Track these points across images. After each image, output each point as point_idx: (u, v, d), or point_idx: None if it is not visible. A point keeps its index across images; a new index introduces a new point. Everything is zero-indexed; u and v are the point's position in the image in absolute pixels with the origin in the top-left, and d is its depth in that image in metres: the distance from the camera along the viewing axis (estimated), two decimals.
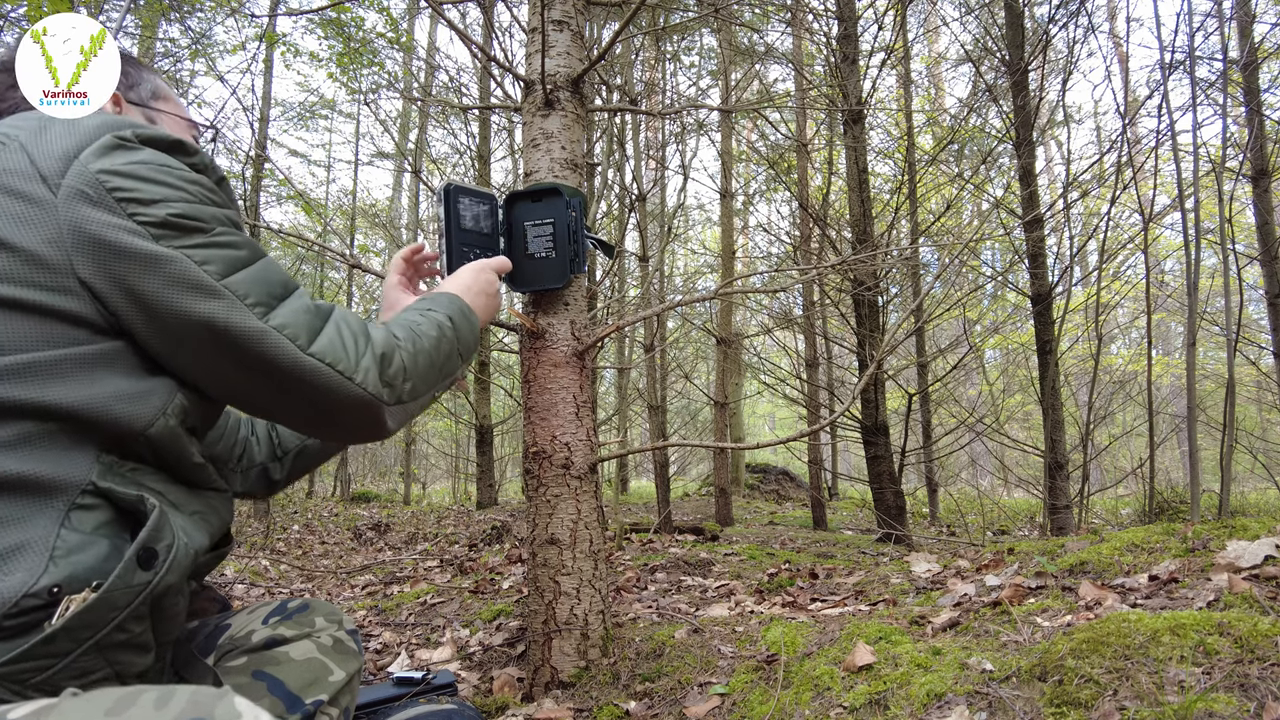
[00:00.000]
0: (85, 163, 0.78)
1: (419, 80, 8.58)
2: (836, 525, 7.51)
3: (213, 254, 0.81)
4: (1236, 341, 4.67)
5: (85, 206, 0.77)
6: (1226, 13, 5.02)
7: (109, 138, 0.81)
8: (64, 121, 0.84)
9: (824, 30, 6.23)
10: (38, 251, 0.75)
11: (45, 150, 0.79)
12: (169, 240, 0.79)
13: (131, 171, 0.80)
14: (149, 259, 0.77)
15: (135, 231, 0.77)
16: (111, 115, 0.88)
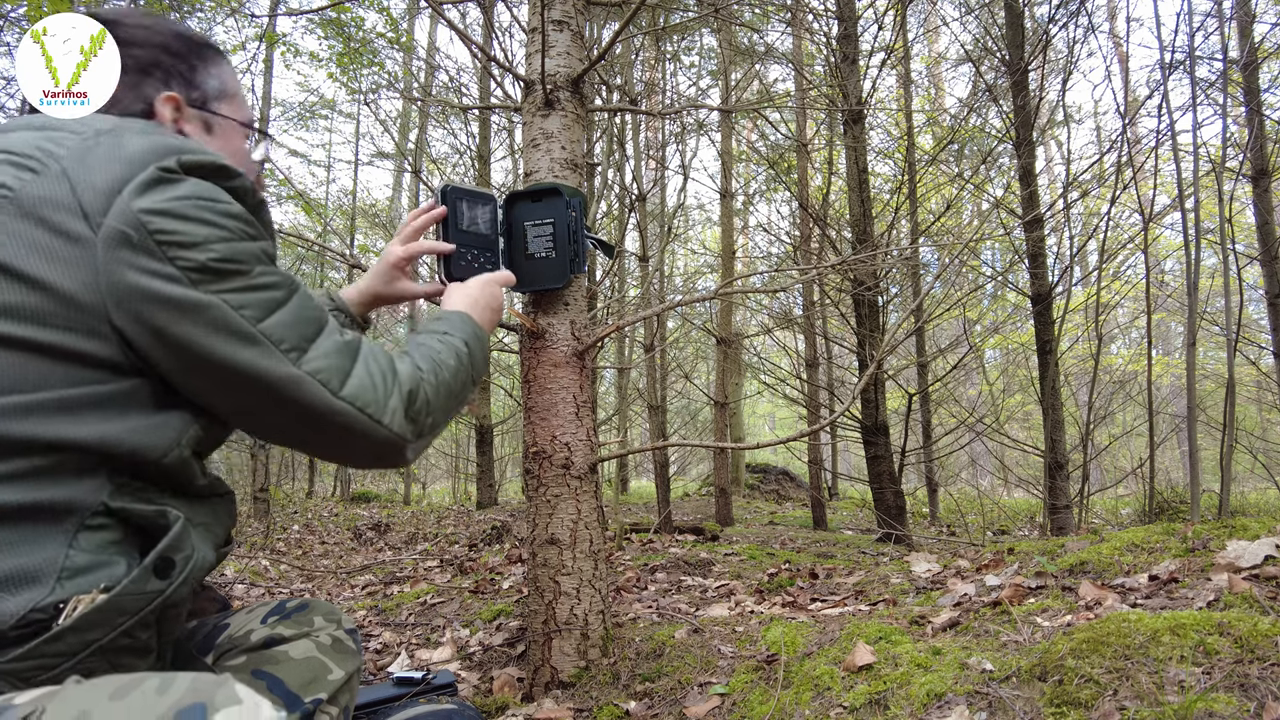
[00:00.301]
0: (128, 200, 0.75)
1: (419, 80, 8.58)
2: (836, 525, 7.51)
3: (251, 298, 0.80)
4: (1236, 341, 4.67)
5: (126, 250, 0.74)
6: (1226, 13, 5.02)
7: (153, 170, 0.78)
8: (109, 143, 0.80)
9: (824, 30, 6.23)
10: (73, 294, 0.73)
11: (89, 181, 0.76)
12: (208, 285, 0.77)
13: (174, 210, 0.77)
14: (188, 306, 0.76)
15: (176, 278, 0.76)
16: (158, 135, 0.84)
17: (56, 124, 0.85)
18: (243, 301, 0.79)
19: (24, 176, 0.76)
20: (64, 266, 0.73)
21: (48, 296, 0.73)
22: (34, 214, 0.74)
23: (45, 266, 0.73)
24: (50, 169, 0.77)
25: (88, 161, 0.77)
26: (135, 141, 0.81)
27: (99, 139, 0.80)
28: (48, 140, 0.80)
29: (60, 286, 0.73)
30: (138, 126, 0.85)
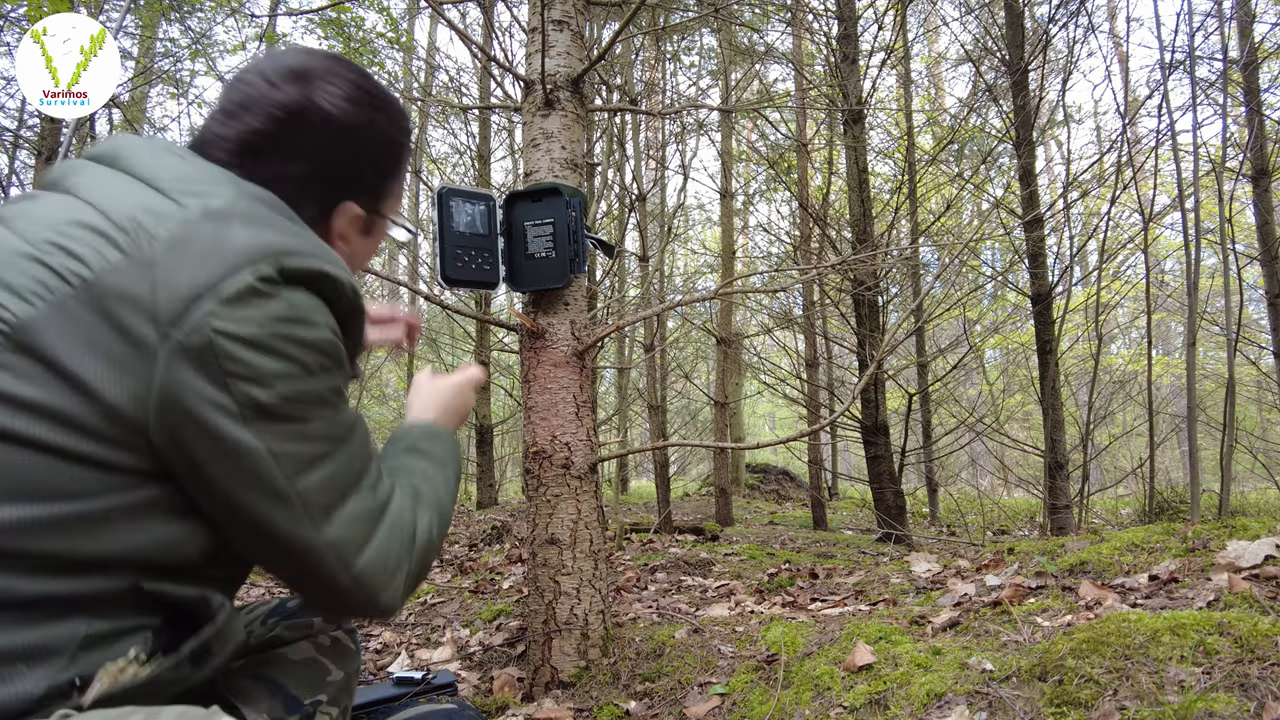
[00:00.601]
0: (206, 314, 0.68)
1: (419, 80, 8.58)
2: (836, 525, 7.51)
3: (295, 448, 0.73)
4: (1236, 341, 4.67)
5: (187, 370, 0.67)
6: (1226, 13, 5.02)
7: (247, 279, 0.70)
8: (211, 234, 0.72)
9: (824, 30, 6.23)
10: (117, 405, 0.67)
11: (173, 281, 0.68)
12: (258, 426, 0.70)
13: (250, 336, 0.69)
14: (230, 446, 0.70)
15: (229, 410, 0.69)
16: (266, 230, 0.75)
17: (165, 182, 0.76)
18: (286, 452, 0.72)
19: (109, 258, 0.69)
20: (117, 373, 0.67)
21: (90, 405, 0.67)
22: (104, 308, 0.67)
23: (97, 371, 0.67)
24: (139, 255, 0.69)
25: (181, 255, 0.70)
26: (239, 236, 0.72)
27: (203, 225, 0.72)
28: (149, 212, 0.72)
29: (106, 396, 0.67)
30: (251, 212, 0.76)
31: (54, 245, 0.70)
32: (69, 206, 0.74)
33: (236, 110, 0.84)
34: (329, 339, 0.76)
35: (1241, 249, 5.71)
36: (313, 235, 0.80)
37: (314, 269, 0.74)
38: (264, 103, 0.84)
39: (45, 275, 0.68)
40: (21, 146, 5.50)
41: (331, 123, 0.86)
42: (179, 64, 7.29)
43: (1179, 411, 8.99)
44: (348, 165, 0.90)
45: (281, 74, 0.85)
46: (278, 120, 0.84)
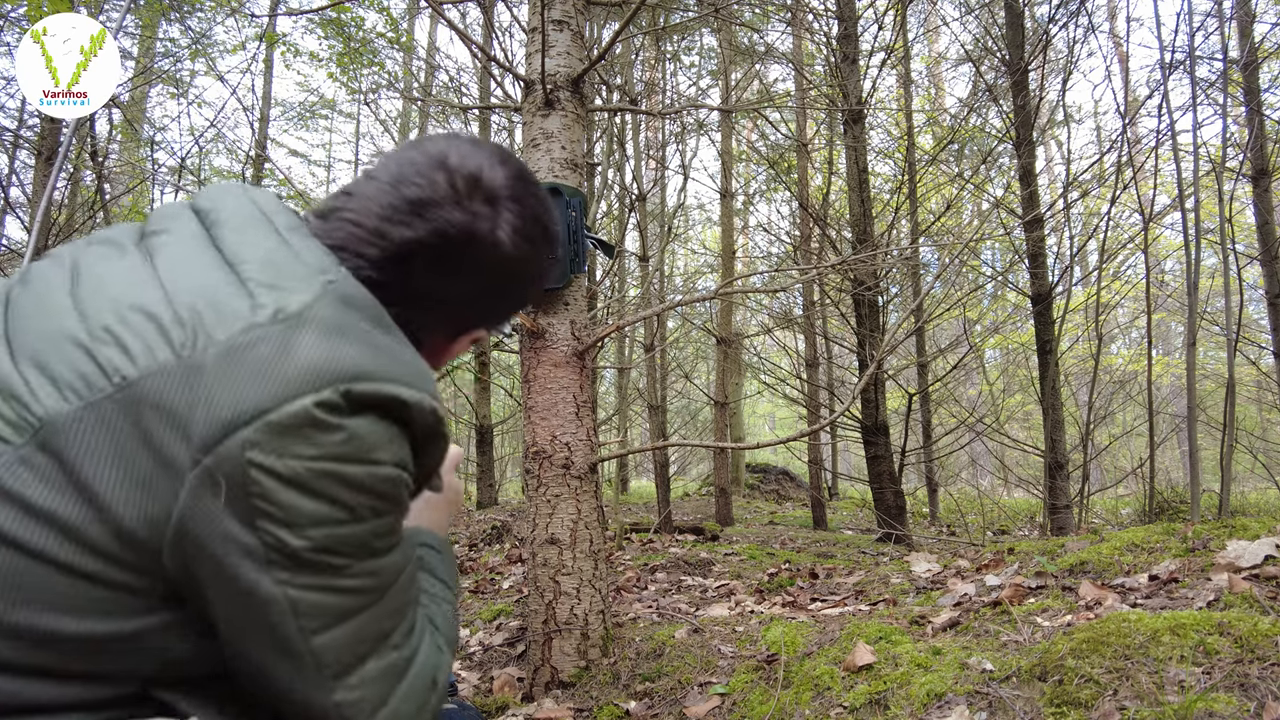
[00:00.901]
0: (247, 441, 0.60)
1: (419, 80, 8.58)
2: (836, 525, 7.51)
3: (321, 600, 0.65)
4: (1236, 341, 4.67)
5: (212, 503, 0.60)
6: (1226, 13, 5.02)
7: (308, 406, 0.61)
8: (277, 342, 0.63)
9: (824, 30, 6.23)
10: (133, 530, 0.61)
11: (217, 394, 0.61)
12: (281, 572, 0.63)
13: (294, 475, 0.61)
14: (244, 591, 0.62)
15: (250, 552, 0.62)
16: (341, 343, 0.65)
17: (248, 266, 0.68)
18: (310, 605, 0.64)
19: (159, 357, 0.62)
20: (137, 492, 0.61)
21: (101, 522, 0.61)
22: (138, 416, 0.61)
23: (115, 486, 0.60)
24: (189, 358, 0.62)
25: (234, 366, 0.62)
26: (308, 350, 0.63)
27: (269, 330, 0.63)
28: (214, 306, 0.64)
29: (120, 515, 0.60)
30: (330, 320, 0.66)
31: (108, 333, 0.64)
32: (141, 282, 0.67)
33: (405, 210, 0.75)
34: (389, 476, 0.67)
35: (1241, 249, 5.71)
36: (402, 348, 0.71)
37: (388, 395, 0.65)
38: (441, 217, 0.75)
39: (89, 369, 0.62)
40: (21, 146, 5.50)
41: (499, 256, 0.79)
42: (179, 64, 7.30)
43: (1179, 411, 8.99)
44: (499, 298, 0.84)
45: (470, 185, 0.77)
46: (447, 240, 0.76)
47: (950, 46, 11.16)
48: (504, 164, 0.81)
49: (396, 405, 0.66)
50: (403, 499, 0.70)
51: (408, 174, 0.77)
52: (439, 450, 0.74)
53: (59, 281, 0.70)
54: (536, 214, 0.82)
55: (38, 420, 0.61)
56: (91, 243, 0.75)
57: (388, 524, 0.68)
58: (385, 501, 0.67)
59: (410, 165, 0.78)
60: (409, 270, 0.76)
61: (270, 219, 0.73)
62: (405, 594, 0.73)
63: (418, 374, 0.70)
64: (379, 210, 0.76)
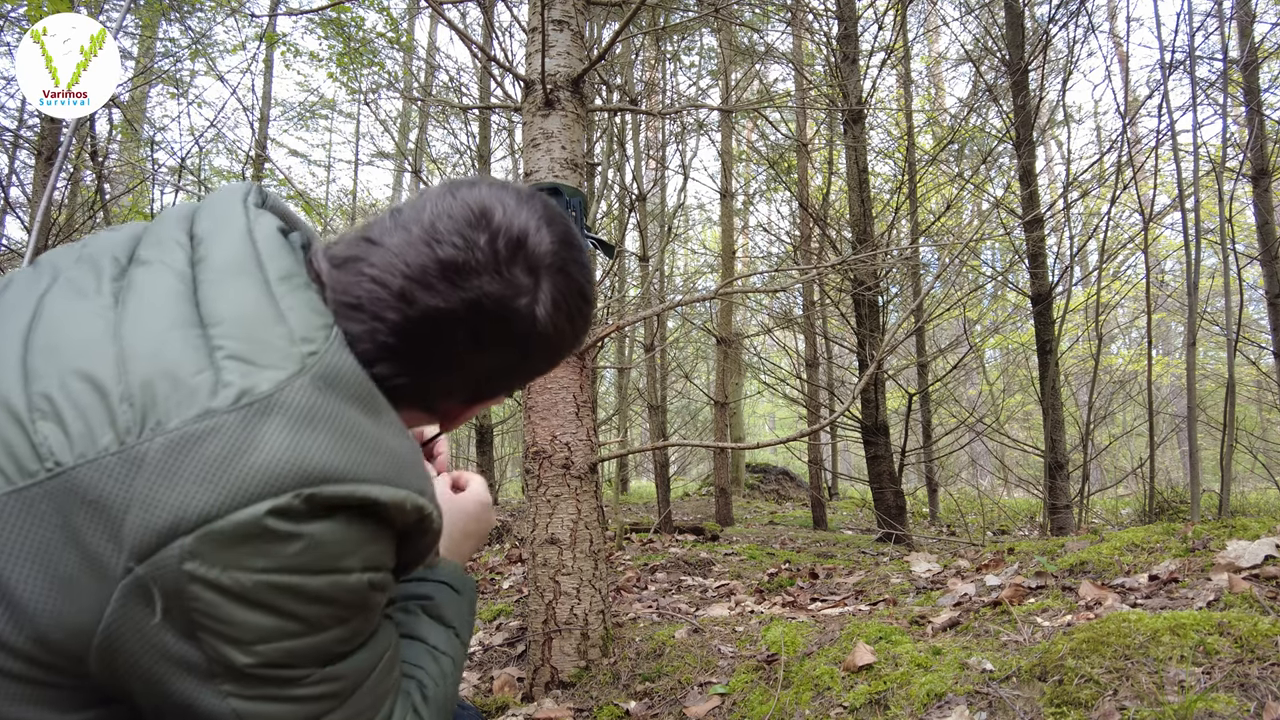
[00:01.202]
0: (187, 551, 0.53)
1: (419, 80, 8.58)
2: (836, 525, 7.51)
3: (274, 711, 0.58)
4: (1236, 341, 4.67)
5: (143, 613, 0.53)
6: (1226, 13, 5.02)
7: (260, 515, 0.54)
8: (234, 437, 0.55)
9: (824, 30, 6.23)
10: (48, 634, 0.54)
11: (156, 494, 0.53)
12: (227, 685, 0.56)
13: (241, 590, 0.54)
14: (184, 706, 0.57)
15: (193, 667, 0.55)
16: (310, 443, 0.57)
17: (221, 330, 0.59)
18: (260, 714, 0.58)
19: (99, 440, 0.54)
20: (58, 596, 0.54)
21: (16, 624, 0.54)
22: (69, 511, 0.53)
23: (34, 588, 0.54)
24: (132, 446, 0.54)
25: (179, 461, 0.54)
26: (269, 447, 0.55)
27: (227, 420, 0.55)
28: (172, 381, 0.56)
29: (41, 624, 0.54)
30: (303, 407, 0.58)
31: (49, 404, 0.56)
32: (97, 338, 0.59)
33: (437, 274, 0.65)
34: (355, 585, 0.60)
35: (1241, 249, 5.71)
36: (388, 436, 0.63)
37: (360, 496, 0.58)
38: (477, 287, 0.66)
39: (21, 448, 0.55)
40: (21, 146, 5.50)
41: (534, 332, 0.70)
42: (179, 64, 7.30)
43: (1179, 411, 8.99)
44: (527, 371, 0.77)
45: (512, 250, 0.67)
46: (480, 312, 0.66)
47: (950, 46, 11.16)
48: (551, 225, 0.71)
49: (372, 507, 0.59)
50: (372, 604, 0.63)
51: (443, 230, 0.66)
52: (425, 543, 0.67)
53: (20, 319, 0.62)
54: (580, 286, 0.73)
55: None
56: (80, 258, 0.68)
57: (352, 629, 0.62)
58: (350, 610, 0.60)
59: (447, 218, 0.67)
60: (432, 340, 0.67)
61: (263, 266, 0.63)
62: (376, 689, 0.66)
63: (399, 467, 0.62)
64: (406, 270, 0.65)
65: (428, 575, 0.84)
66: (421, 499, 0.63)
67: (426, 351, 0.67)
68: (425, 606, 0.81)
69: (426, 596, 0.82)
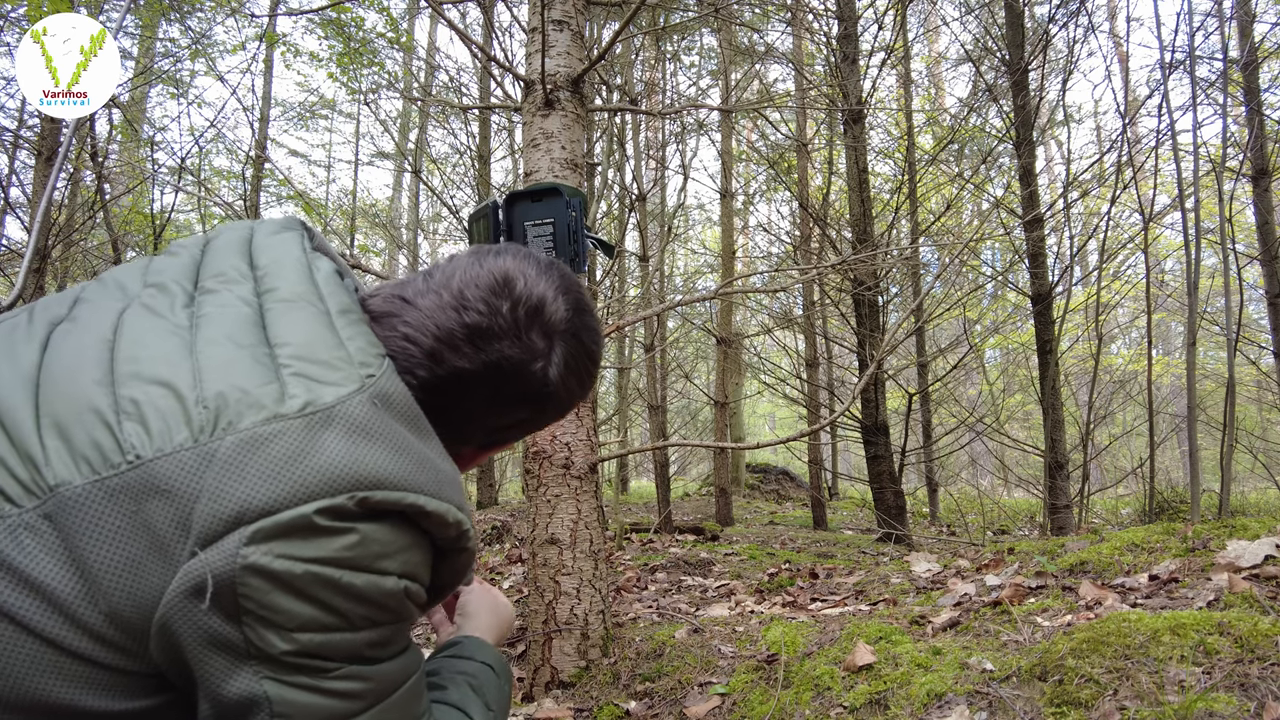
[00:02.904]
0: (243, 544, 0.58)
1: (419, 80, 8.58)
2: (836, 525, 7.51)
3: (304, 702, 0.62)
4: (1236, 341, 4.67)
5: (198, 599, 0.58)
6: (1226, 13, 5.03)
7: (311, 511, 0.59)
8: (298, 440, 0.61)
9: (824, 30, 6.23)
10: (120, 610, 0.59)
11: (225, 487, 0.59)
12: (260, 674, 0.60)
13: (289, 578, 0.59)
14: (216, 690, 0.61)
15: (230, 650, 0.60)
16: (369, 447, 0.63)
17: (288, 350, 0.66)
18: (293, 704, 0.61)
19: (176, 437, 0.61)
20: (130, 575, 0.59)
21: (96, 604, 0.59)
22: (143, 499, 0.59)
23: (111, 566, 0.59)
24: (205, 444, 0.60)
25: (248, 460, 0.60)
26: (330, 452, 0.61)
27: (293, 425, 0.61)
28: (243, 393, 0.62)
29: (115, 600, 0.59)
30: (361, 419, 0.64)
31: (134, 405, 0.62)
32: (176, 353, 0.65)
33: (463, 338, 0.73)
34: (392, 589, 0.64)
35: (1241, 249, 5.71)
36: (434, 455, 0.69)
37: (409, 504, 0.63)
38: (497, 350, 0.74)
39: (107, 442, 0.61)
40: (21, 146, 5.50)
41: (544, 393, 0.78)
42: (179, 64, 7.30)
43: (1179, 411, 8.99)
44: (536, 423, 0.84)
45: (531, 314, 0.75)
46: (499, 372, 0.75)
47: (950, 46, 11.16)
48: (566, 294, 0.79)
49: (417, 514, 0.65)
50: (406, 611, 0.67)
51: (471, 297, 0.74)
52: (462, 563, 0.72)
53: (101, 332, 0.68)
54: (589, 350, 0.82)
55: (49, 489, 0.60)
56: (147, 281, 0.73)
57: (385, 635, 0.66)
58: (384, 612, 0.65)
59: (474, 286, 0.75)
60: (456, 396, 0.75)
61: (324, 300, 0.71)
62: (407, 709, 0.69)
63: (445, 483, 0.68)
64: (436, 331, 0.74)
65: (474, 655, 0.89)
66: (462, 515, 0.68)
67: (450, 405, 0.75)
68: (470, 683, 0.85)
69: (472, 674, 0.86)
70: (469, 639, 0.92)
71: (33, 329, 0.70)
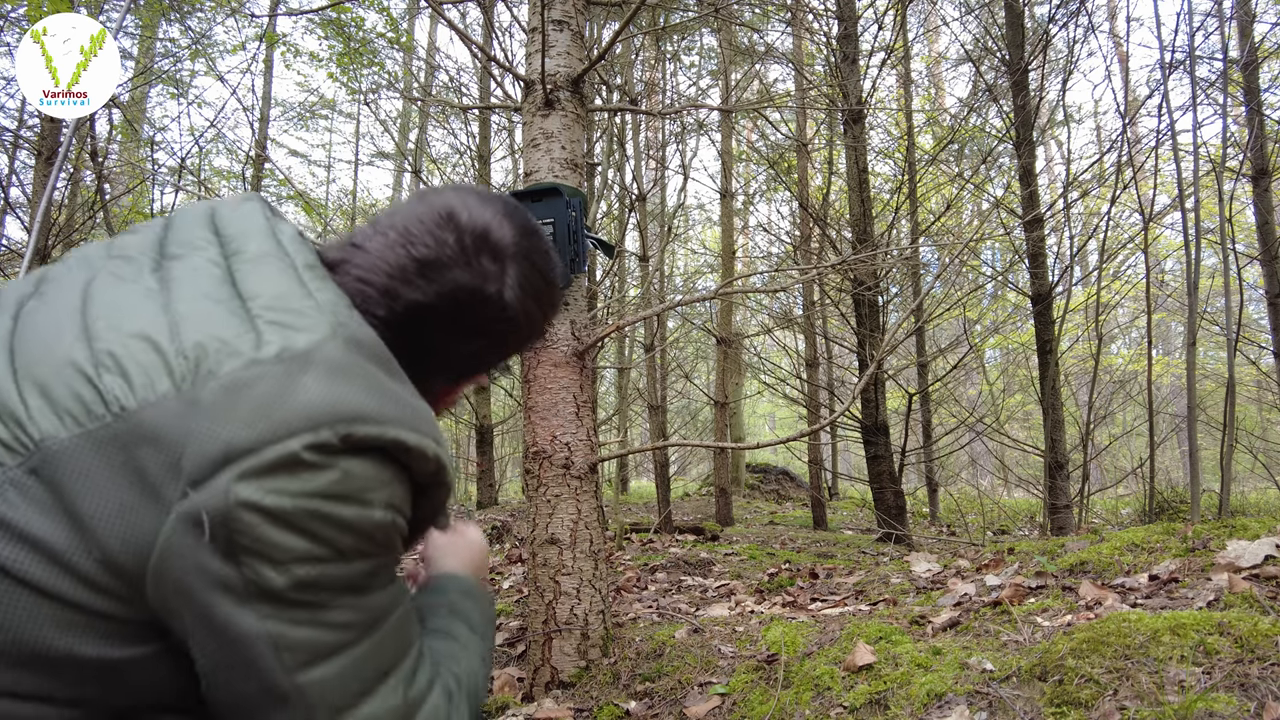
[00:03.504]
0: (234, 482, 0.60)
1: (419, 80, 8.58)
2: (837, 525, 7.51)
3: (306, 637, 0.63)
4: (1236, 341, 4.67)
5: (194, 538, 0.60)
6: (1226, 12, 5.02)
7: (296, 447, 0.61)
8: (279, 382, 0.63)
9: (824, 30, 6.23)
10: (115, 556, 0.60)
11: (211, 429, 0.60)
12: (261, 611, 0.61)
13: (280, 511, 0.60)
14: (222, 630, 0.62)
15: (230, 590, 0.61)
16: (345, 385, 0.65)
17: (260, 302, 0.68)
18: (293, 640, 0.63)
19: (159, 387, 0.62)
20: (124, 521, 0.61)
21: (88, 549, 0.60)
22: (132, 447, 0.61)
23: (103, 514, 0.61)
24: (189, 392, 0.62)
25: (232, 403, 0.61)
26: (309, 391, 0.63)
27: (272, 369, 0.63)
28: (220, 342, 0.64)
29: (110, 547, 0.60)
30: (336, 360, 0.66)
31: (112, 359, 0.64)
32: (150, 310, 0.67)
33: (414, 271, 0.76)
34: (380, 521, 0.66)
35: (1241, 249, 5.71)
36: (407, 393, 0.71)
37: (390, 438, 0.65)
38: (447, 277, 0.76)
39: (89, 395, 0.62)
40: (21, 146, 5.50)
41: (504, 316, 0.80)
42: (179, 64, 7.30)
43: (1179, 411, 8.99)
44: (501, 350, 0.86)
45: (478, 243, 0.78)
46: (454, 303, 0.77)
47: (950, 46, 11.16)
48: (510, 218, 0.81)
49: (398, 449, 0.66)
50: (393, 544, 0.69)
51: (416, 233, 0.77)
52: (440, 497, 0.73)
53: (71, 300, 0.70)
54: (541, 269, 0.83)
55: (33, 444, 0.61)
56: (111, 254, 0.75)
57: (375, 565, 0.67)
58: (373, 544, 0.66)
59: (418, 223, 0.78)
60: (416, 330, 0.77)
61: (290, 256, 0.73)
62: (401, 635, 0.71)
63: (422, 419, 0.69)
64: (388, 269, 0.76)
65: (448, 586, 0.92)
66: (440, 449, 0.70)
67: (413, 341, 0.77)
68: (450, 608, 0.88)
69: (449, 602, 0.89)
70: (439, 575, 0.94)
71: (1, 304, 0.72)
